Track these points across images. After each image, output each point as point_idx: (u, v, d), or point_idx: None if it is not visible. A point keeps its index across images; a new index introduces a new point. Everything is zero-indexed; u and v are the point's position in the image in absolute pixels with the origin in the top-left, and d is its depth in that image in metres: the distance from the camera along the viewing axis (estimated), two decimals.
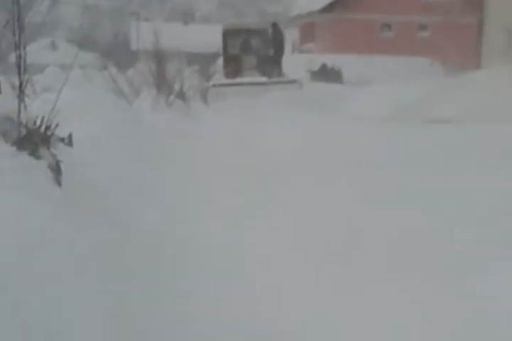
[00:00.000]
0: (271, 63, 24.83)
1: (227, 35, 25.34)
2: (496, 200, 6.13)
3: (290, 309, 4.61)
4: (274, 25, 25.24)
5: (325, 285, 4.94)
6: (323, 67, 36.10)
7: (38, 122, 5.58)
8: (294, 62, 30.19)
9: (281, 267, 5.40)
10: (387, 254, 5.23)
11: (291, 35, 41.81)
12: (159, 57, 18.32)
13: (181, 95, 17.73)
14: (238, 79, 23.59)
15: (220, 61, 27.91)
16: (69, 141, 6.49)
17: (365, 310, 4.44)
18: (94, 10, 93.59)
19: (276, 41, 24.77)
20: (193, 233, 6.38)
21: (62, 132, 6.16)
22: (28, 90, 5.98)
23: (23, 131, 5.36)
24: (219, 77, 25.37)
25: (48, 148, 5.45)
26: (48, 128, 5.66)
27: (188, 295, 4.82)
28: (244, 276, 5.26)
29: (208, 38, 46.87)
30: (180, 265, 5.47)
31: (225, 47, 25.56)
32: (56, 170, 5.28)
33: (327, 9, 42.68)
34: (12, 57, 6.01)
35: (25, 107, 5.61)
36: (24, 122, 5.43)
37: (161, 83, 17.32)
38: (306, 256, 5.58)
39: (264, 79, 23.45)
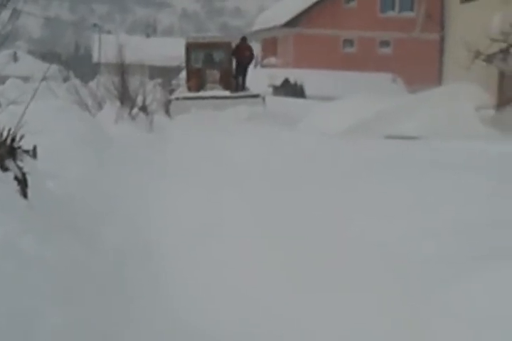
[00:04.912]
0: (234, 77, 24.91)
1: (190, 48, 25.32)
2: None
3: None
4: (243, 39, 25.31)
5: None
6: (286, 81, 36.27)
7: (4, 134, 5.57)
8: (257, 77, 30.25)
9: None
10: None
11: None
12: (122, 70, 18.30)
13: (144, 108, 17.74)
14: (201, 93, 23.62)
15: (183, 74, 27.92)
16: (33, 153, 6.48)
17: None
18: (56, 22, 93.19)
19: (241, 55, 24.77)
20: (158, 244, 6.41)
21: (26, 144, 6.15)
22: None
23: None
24: (182, 91, 25.37)
25: (14, 161, 5.44)
26: (13, 140, 5.65)
27: None
28: None
29: (171, 51, 46.97)
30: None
31: (187, 60, 25.55)
32: (22, 182, 5.28)
33: (290, 24, 42.86)
34: None
35: None
36: None
37: (124, 96, 17.30)
38: None
39: (227, 93, 23.52)
